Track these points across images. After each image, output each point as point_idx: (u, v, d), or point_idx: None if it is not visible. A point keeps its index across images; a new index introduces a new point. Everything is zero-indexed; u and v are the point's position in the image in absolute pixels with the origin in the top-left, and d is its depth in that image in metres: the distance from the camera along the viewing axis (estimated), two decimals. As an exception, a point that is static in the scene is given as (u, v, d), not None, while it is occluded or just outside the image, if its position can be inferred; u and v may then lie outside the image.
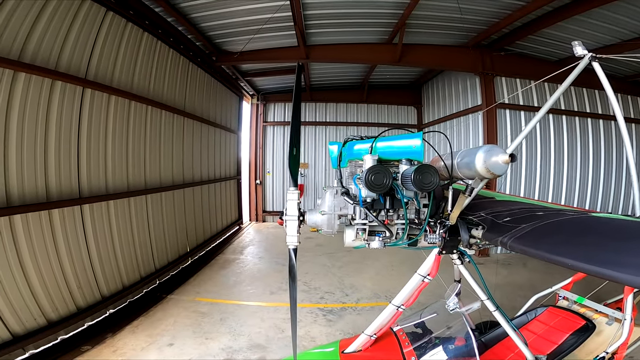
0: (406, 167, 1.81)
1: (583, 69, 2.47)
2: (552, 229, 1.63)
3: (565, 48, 7.73)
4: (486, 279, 2.32)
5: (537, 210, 2.07)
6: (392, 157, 1.90)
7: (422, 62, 8.80)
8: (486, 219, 1.94)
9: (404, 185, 1.78)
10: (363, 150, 1.93)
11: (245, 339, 4.54)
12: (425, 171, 1.61)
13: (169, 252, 6.98)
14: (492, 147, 1.61)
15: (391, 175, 1.69)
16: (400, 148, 1.87)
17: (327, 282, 6.69)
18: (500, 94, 8.40)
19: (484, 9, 6.64)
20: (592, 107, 8.93)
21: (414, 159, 1.83)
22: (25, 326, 3.82)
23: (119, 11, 5.19)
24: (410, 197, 1.85)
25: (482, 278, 2.19)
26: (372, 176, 1.67)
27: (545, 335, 3.00)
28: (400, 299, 2.34)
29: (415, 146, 1.80)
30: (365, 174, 1.69)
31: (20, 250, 3.81)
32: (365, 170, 1.73)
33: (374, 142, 1.88)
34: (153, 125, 6.37)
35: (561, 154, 8.67)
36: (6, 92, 3.66)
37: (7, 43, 3.64)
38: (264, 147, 12.97)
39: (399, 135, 1.89)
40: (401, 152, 1.87)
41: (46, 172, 4.18)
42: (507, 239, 1.60)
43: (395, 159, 1.89)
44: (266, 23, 6.89)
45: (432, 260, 2.15)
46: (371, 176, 1.67)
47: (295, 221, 1.94)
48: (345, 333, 4.72)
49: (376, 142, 1.88)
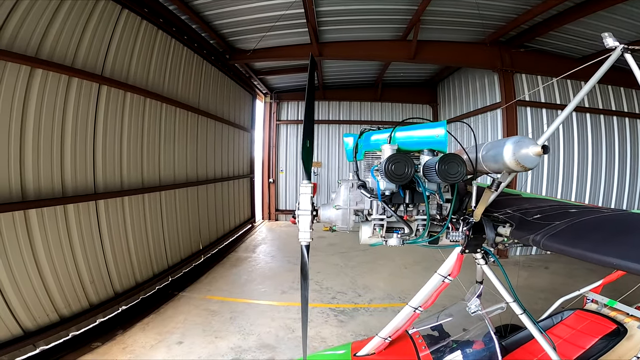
0: (428, 157, 1.69)
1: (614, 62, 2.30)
2: (591, 227, 1.50)
3: (589, 44, 7.44)
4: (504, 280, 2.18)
5: (569, 208, 1.92)
6: (413, 148, 1.77)
7: (438, 59, 8.59)
8: (514, 216, 1.80)
9: (426, 177, 1.65)
10: (381, 141, 1.81)
11: (255, 339, 4.48)
12: (451, 160, 1.48)
13: (182, 249, 6.99)
14: (521, 139, 1.48)
15: (413, 165, 1.57)
16: (421, 138, 1.75)
17: (339, 281, 6.59)
18: (521, 91, 8.13)
19: (502, 5, 6.44)
20: (618, 104, 8.56)
21: (437, 149, 1.71)
22: (37, 322, 3.83)
23: (134, 9, 5.22)
24: (433, 190, 1.72)
25: (507, 279, 2.05)
26: (392, 165, 1.54)
27: (571, 339, 2.84)
28: (418, 300, 2.22)
29: (439, 135, 1.67)
30: (385, 163, 1.56)
31: (35, 245, 3.83)
32: (384, 159, 1.61)
33: (393, 131, 1.76)
34: (167, 122, 6.40)
35: (585, 153, 8.36)
36: (23, 88, 3.69)
37: (25, 40, 3.68)
38: (277, 146, 12.95)
39: (420, 124, 1.77)
40: (423, 142, 1.74)
41: (62, 167, 4.21)
42: (540, 237, 1.47)
43: (416, 149, 1.77)
44: (278, 20, 6.84)
45: (454, 260, 2.02)
46: (391, 165, 1.54)
47: (308, 216, 1.85)
48: (357, 334, 4.61)
49: (395, 131, 1.77)
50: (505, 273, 2.05)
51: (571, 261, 7.70)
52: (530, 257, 8.20)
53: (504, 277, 2.09)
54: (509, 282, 2.06)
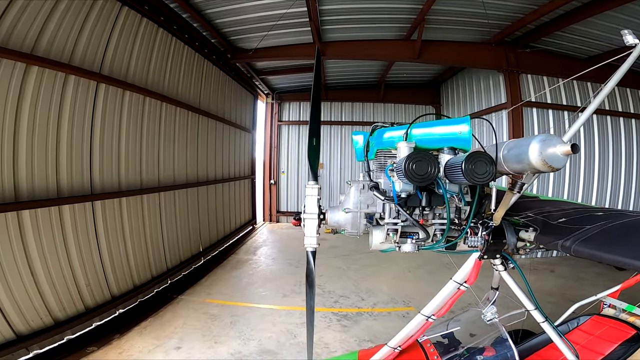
0: (449, 156, 1.56)
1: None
2: (625, 231, 1.39)
3: (596, 45, 7.34)
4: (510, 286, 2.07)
5: (594, 211, 1.80)
6: (431, 146, 1.64)
7: (443, 59, 8.48)
8: (536, 220, 1.67)
9: (447, 177, 1.52)
10: (395, 138, 1.68)
11: (256, 344, 4.34)
12: (479, 159, 1.33)
13: (182, 251, 6.86)
14: (548, 137, 1.35)
15: (437, 164, 1.43)
16: (442, 135, 1.61)
17: (342, 285, 6.45)
18: (527, 92, 8.01)
19: (508, 4, 6.33)
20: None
21: (459, 148, 1.58)
22: (30, 325, 3.70)
23: (134, 6, 5.11)
24: (454, 192, 1.59)
25: (528, 286, 1.93)
26: (413, 165, 1.40)
27: (589, 345, 2.72)
28: (431, 308, 2.08)
29: (461, 132, 1.53)
30: (405, 163, 1.42)
31: (28, 247, 3.70)
32: (403, 158, 1.47)
33: (409, 127, 1.63)
34: (167, 122, 6.28)
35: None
36: (17, 85, 3.57)
37: (21, 35, 3.56)
38: (279, 147, 12.82)
39: (440, 120, 1.64)
40: (443, 139, 1.61)
41: (58, 166, 4.09)
42: (571, 242, 1.35)
43: (435, 147, 1.64)
44: (281, 19, 6.74)
45: (471, 266, 1.89)
46: (412, 165, 1.40)
47: (314, 220, 1.72)
48: (361, 340, 4.48)
49: (412, 128, 1.64)
50: (526, 279, 1.93)
51: (578, 264, 7.58)
52: (535, 260, 8.06)
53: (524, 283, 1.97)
54: (529, 288, 1.94)
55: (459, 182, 1.51)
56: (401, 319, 5.02)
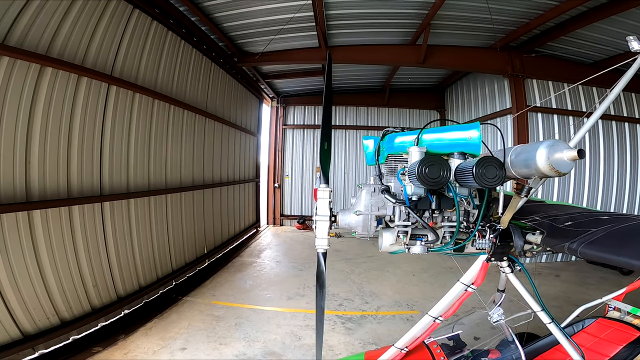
0: (459, 161, 1.60)
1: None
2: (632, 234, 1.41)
3: (601, 49, 7.35)
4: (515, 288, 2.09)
5: (600, 215, 1.83)
6: (442, 151, 1.69)
7: (448, 63, 8.52)
8: (543, 223, 1.70)
9: (457, 181, 1.56)
10: (406, 143, 1.72)
11: (260, 346, 4.36)
12: (490, 164, 1.38)
13: (187, 253, 6.91)
14: (555, 142, 1.39)
15: (449, 168, 1.47)
16: (452, 140, 1.66)
17: (346, 288, 6.46)
18: (532, 97, 8.03)
19: (513, 9, 6.37)
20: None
21: (469, 152, 1.62)
22: (37, 325, 3.73)
23: (145, 9, 5.20)
24: (464, 195, 1.63)
25: (535, 288, 1.95)
26: (426, 168, 1.44)
27: (594, 347, 2.74)
28: (439, 309, 2.11)
29: (472, 138, 1.58)
30: (418, 166, 1.46)
31: (38, 247, 3.75)
32: (416, 162, 1.52)
33: (421, 132, 1.68)
34: (175, 124, 6.35)
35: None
36: (32, 85, 3.65)
37: (36, 37, 3.64)
38: (283, 151, 12.88)
39: (450, 126, 1.68)
40: (454, 144, 1.65)
41: (69, 167, 4.15)
42: (577, 244, 1.39)
43: (446, 152, 1.68)
44: (287, 23, 6.82)
45: (478, 268, 1.92)
46: (425, 168, 1.45)
47: (326, 222, 1.76)
48: (365, 342, 4.48)
49: (422, 133, 1.68)
50: (533, 281, 1.95)
51: (582, 269, 7.55)
52: (540, 264, 8.03)
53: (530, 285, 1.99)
54: (536, 290, 1.96)
55: (469, 186, 1.55)
56: (405, 322, 5.03)
